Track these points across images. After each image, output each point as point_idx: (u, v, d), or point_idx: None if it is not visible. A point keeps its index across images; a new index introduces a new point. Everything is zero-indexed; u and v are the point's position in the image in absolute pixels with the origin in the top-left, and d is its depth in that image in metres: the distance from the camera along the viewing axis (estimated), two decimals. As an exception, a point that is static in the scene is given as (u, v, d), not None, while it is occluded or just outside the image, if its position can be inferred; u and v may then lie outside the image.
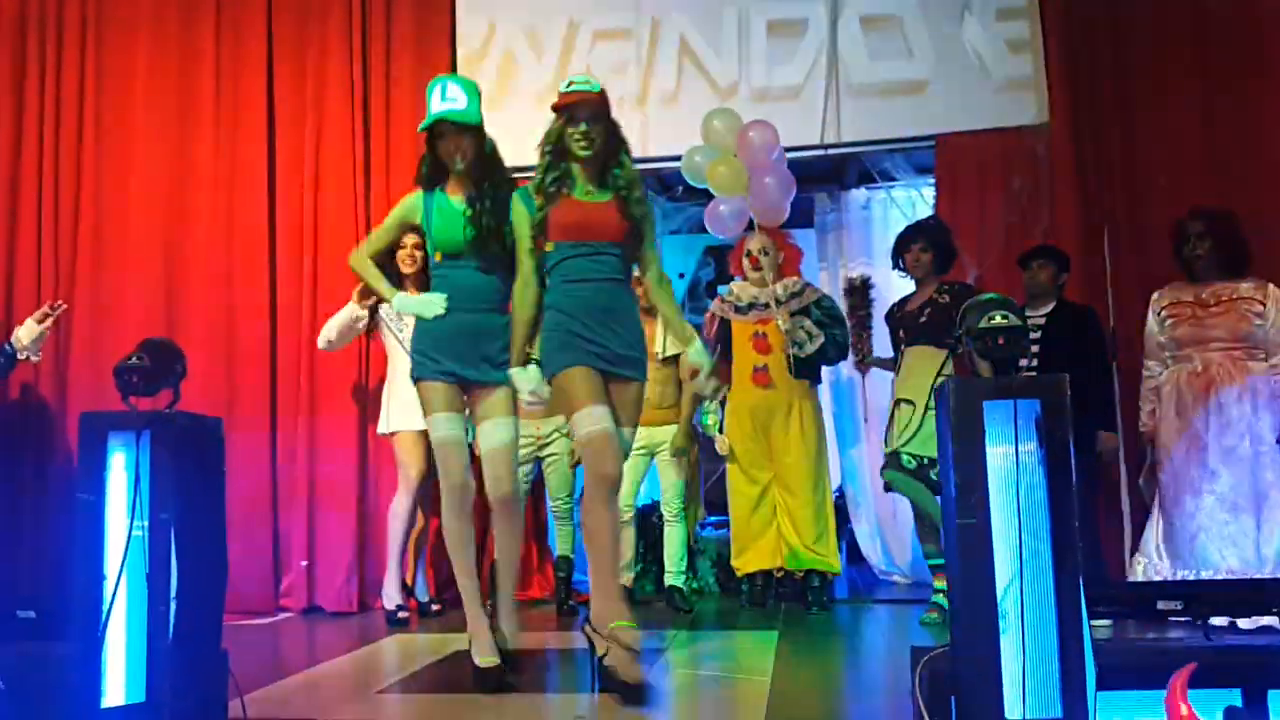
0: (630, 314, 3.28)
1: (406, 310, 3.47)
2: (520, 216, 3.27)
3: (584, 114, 3.19)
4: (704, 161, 5.08)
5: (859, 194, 6.47)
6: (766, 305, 4.87)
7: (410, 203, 3.42)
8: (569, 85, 3.25)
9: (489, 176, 3.34)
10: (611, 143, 3.26)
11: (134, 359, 2.58)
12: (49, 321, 4.68)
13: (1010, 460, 2.17)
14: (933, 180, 5.50)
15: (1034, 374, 4.12)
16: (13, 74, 5.62)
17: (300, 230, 5.48)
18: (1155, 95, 5.02)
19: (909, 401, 4.44)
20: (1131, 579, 4.11)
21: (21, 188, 5.58)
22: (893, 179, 6.17)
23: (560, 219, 3.20)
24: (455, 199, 3.33)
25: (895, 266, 4.71)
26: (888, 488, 4.59)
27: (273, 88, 5.64)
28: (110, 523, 2.51)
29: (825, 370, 5.13)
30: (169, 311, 5.48)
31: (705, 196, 5.25)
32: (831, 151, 5.51)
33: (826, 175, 6.37)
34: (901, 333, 4.61)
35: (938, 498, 3.92)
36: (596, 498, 3.10)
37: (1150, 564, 4.03)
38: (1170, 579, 3.89)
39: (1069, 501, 2.13)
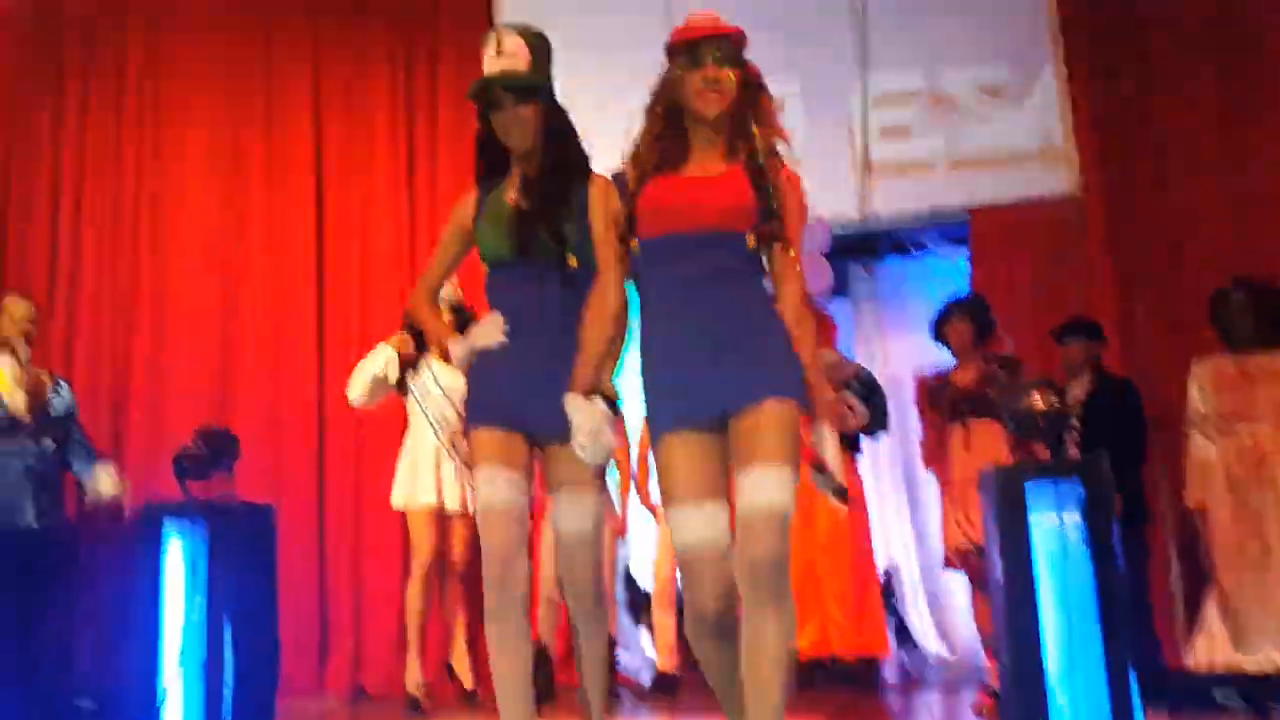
0: (759, 317, 2.24)
1: (461, 359, 2.54)
2: (598, 205, 2.45)
3: (714, 53, 2.26)
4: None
5: (893, 265, 6.50)
6: None
7: (463, 205, 2.65)
8: (690, 23, 2.32)
9: (556, 157, 2.51)
10: (747, 97, 2.31)
11: (192, 447, 2.66)
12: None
13: (1055, 541, 2.18)
14: (967, 250, 5.53)
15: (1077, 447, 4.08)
16: (74, 153, 5.79)
17: (347, 291, 5.57)
18: (1188, 165, 5.04)
19: None
20: (1190, 659, 4.00)
21: (83, 259, 5.72)
22: (926, 248, 6.20)
23: (654, 200, 2.26)
24: (513, 191, 2.53)
25: (935, 339, 4.70)
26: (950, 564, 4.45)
27: (320, 151, 5.78)
28: (166, 610, 2.57)
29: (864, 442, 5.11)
30: (220, 380, 5.58)
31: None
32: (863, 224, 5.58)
33: (859, 246, 6.40)
34: (954, 408, 4.45)
35: None
36: (700, 633, 2.21)
37: (1211, 643, 3.92)
38: (1231, 662, 3.78)
39: (1117, 583, 2.14)
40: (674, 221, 2.24)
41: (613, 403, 2.31)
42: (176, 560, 2.60)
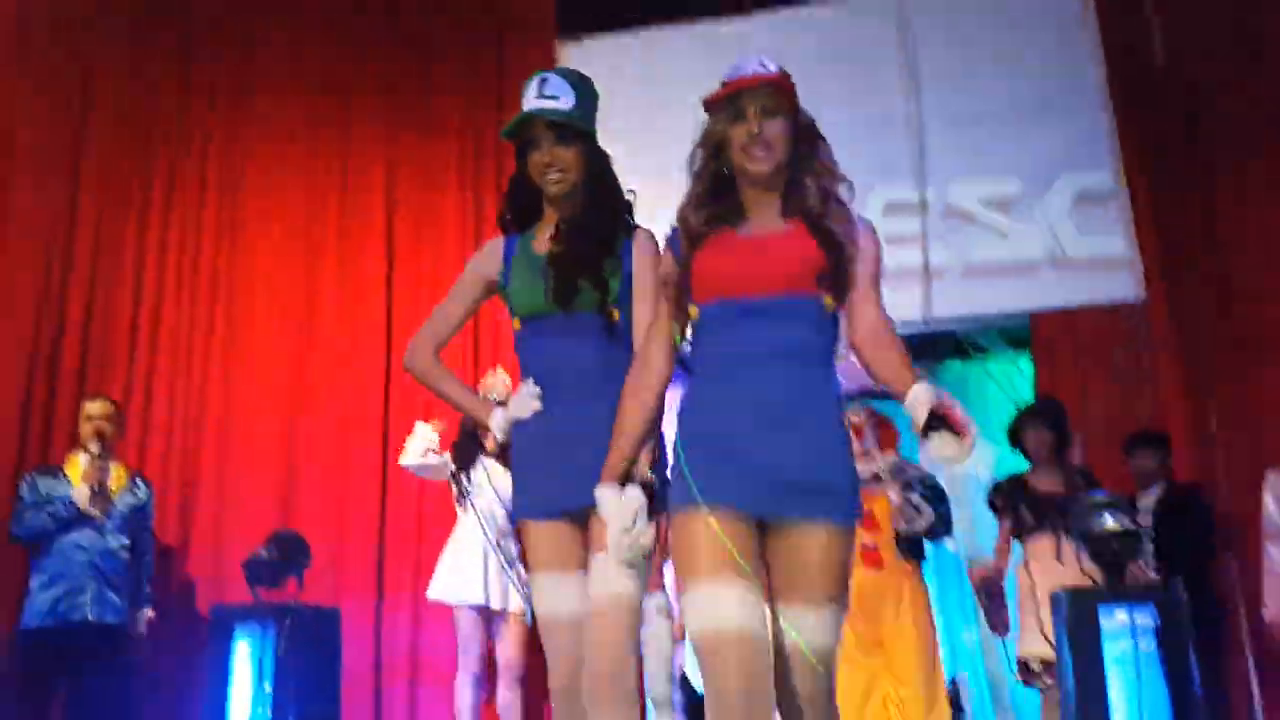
0: (822, 409, 1.99)
1: (501, 430, 2.34)
2: (644, 260, 2.26)
3: (756, 104, 2.05)
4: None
5: (953, 367, 6.48)
6: (869, 480, 4.81)
7: (487, 250, 2.43)
8: (734, 71, 2.10)
9: (599, 201, 2.32)
10: (802, 150, 2.10)
11: (263, 552, 2.71)
12: None
13: (1129, 666, 2.13)
14: (1028, 352, 5.51)
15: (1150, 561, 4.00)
16: (155, 261, 5.98)
17: (413, 390, 5.61)
18: (1251, 270, 5.00)
19: None
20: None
21: (158, 362, 5.84)
22: (985, 351, 6.18)
23: (711, 266, 2.05)
24: (546, 239, 2.33)
25: (1012, 445, 4.66)
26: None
27: (392, 239, 5.91)
28: (233, 711, 2.59)
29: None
30: (285, 479, 5.61)
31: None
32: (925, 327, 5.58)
33: (918, 347, 6.38)
34: (1039, 516, 4.34)
35: None
36: None
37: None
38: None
39: (1192, 710, 2.08)
40: (735, 285, 2.02)
41: (652, 492, 2.05)
42: (244, 662, 2.64)
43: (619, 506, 2.01)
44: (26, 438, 5.46)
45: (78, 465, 4.51)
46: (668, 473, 2.07)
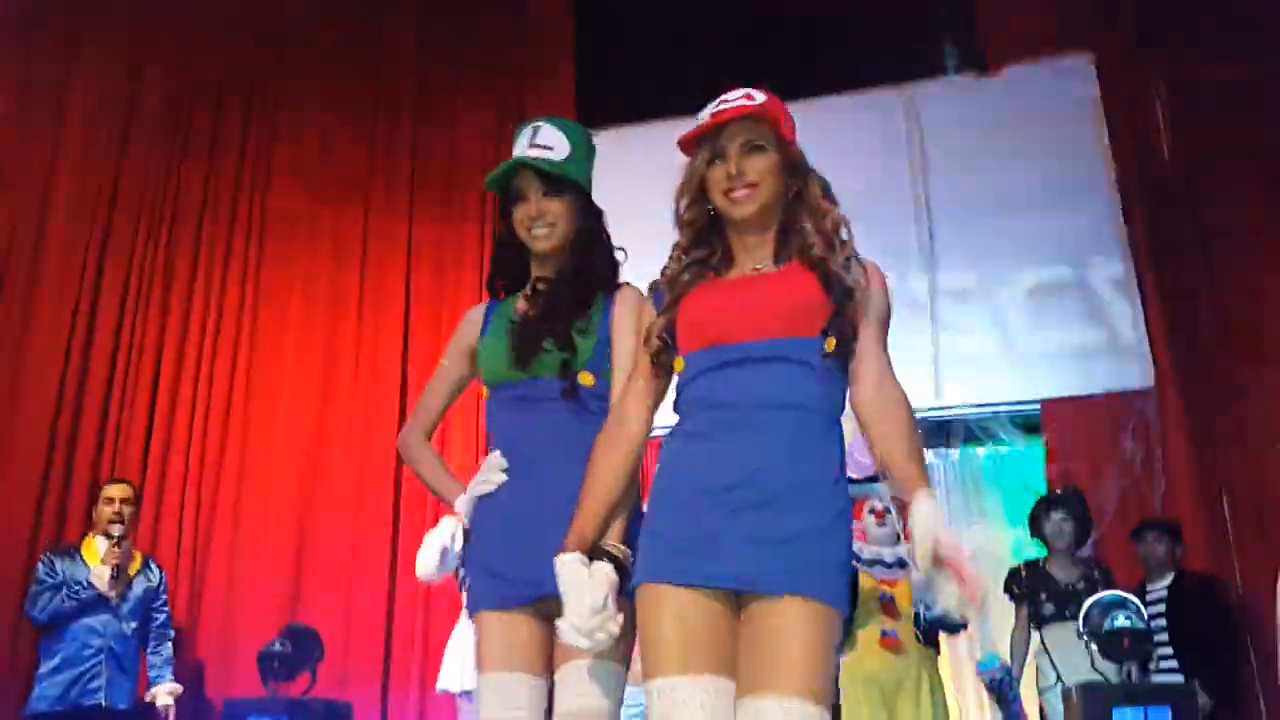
0: (819, 469, 1.72)
1: (463, 513, 2.08)
2: (624, 315, 2.03)
3: (737, 140, 1.85)
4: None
5: (965, 452, 6.49)
6: (893, 565, 4.70)
7: (468, 317, 2.22)
8: (718, 105, 1.89)
9: (581, 260, 2.10)
10: (794, 187, 1.89)
11: (277, 645, 2.72)
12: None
13: (1145, 770, 2.12)
14: (1041, 440, 5.52)
15: (1163, 657, 3.96)
16: (174, 344, 6.05)
17: (423, 491, 5.66)
18: (1265, 358, 5.02)
19: None
20: None
21: (174, 445, 5.87)
22: (998, 438, 6.19)
23: (698, 309, 1.84)
24: (524, 300, 2.12)
25: (1032, 535, 4.65)
26: None
27: (409, 327, 5.97)
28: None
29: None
30: (295, 569, 5.62)
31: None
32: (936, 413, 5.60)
33: (930, 433, 6.41)
34: (1059, 605, 4.34)
35: None
36: None
37: None
38: None
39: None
40: (725, 328, 1.78)
41: (626, 570, 1.78)
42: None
43: (581, 580, 1.73)
44: (41, 517, 5.49)
45: (94, 547, 4.51)
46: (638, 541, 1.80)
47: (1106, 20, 5.70)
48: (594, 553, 1.79)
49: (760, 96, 1.88)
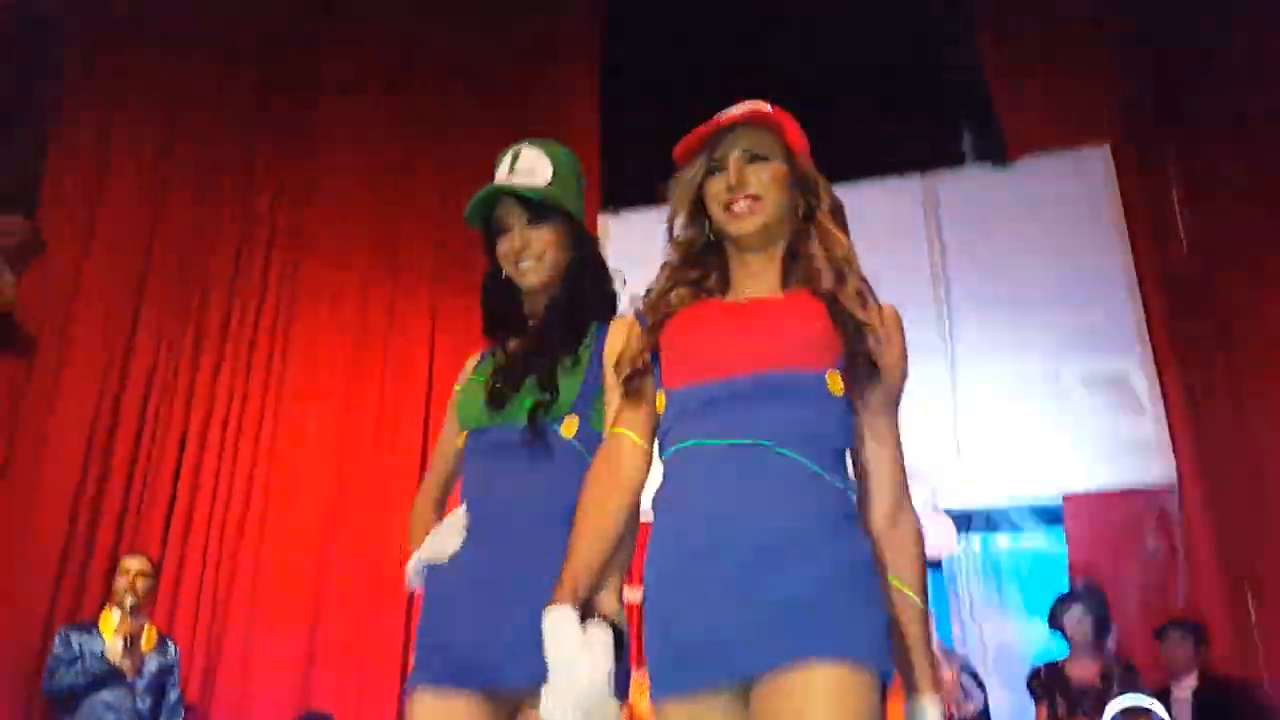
0: (834, 528, 1.47)
1: (412, 578, 1.82)
2: (612, 347, 1.76)
3: (738, 147, 1.64)
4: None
5: (986, 543, 6.43)
6: None
7: (466, 367, 2.02)
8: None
9: (572, 291, 1.87)
10: (804, 207, 1.68)
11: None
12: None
13: None
14: (1061, 531, 5.47)
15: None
16: (200, 420, 6.09)
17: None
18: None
19: None
20: None
21: (194, 521, 5.87)
22: (1018, 528, 6.15)
23: (685, 334, 1.62)
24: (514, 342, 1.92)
25: (1051, 629, 4.61)
26: None
27: (430, 405, 5.97)
28: None
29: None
30: (308, 648, 5.60)
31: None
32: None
33: (952, 522, 6.37)
34: (1073, 704, 4.37)
35: None
36: None
37: None
38: None
39: None
40: (714, 363, 1.53)
41: (622, 639, 1.50)
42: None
43: (577, 644, 1.41)
44: (60, 591, 5.49)
45: (111, 621, 4.52)
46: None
47: (1123, 112, 5.75)
48: (584, 614, 1.48)
49: (767, 106, 1.67)
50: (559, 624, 1.44)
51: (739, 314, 1.60)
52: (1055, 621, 4.57)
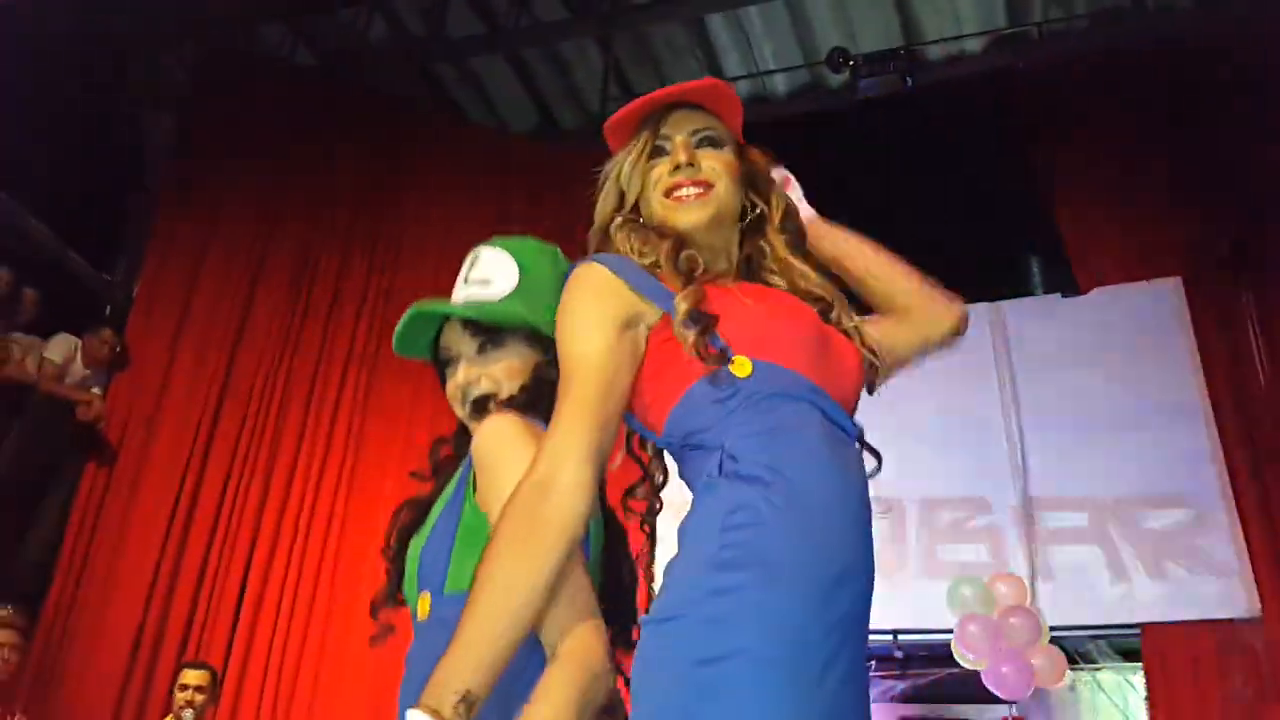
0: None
1: None
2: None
3: (686, 128, 1.39)
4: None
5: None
6: None
7: None
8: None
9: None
10: (755, 206, 1.43)
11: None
12: None
13: None
14: (1139, 666, 5.29)
15: None
16: (269, 536, 6.17)
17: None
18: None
19: None
20: None
21: (256, 641, 5.87)
22: (1095, 663, 5.96)
23: (764, 309, 1.33)
24: None
25: None
26: None
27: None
28: None
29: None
30: None
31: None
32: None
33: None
34: None
35: None
36: None
37: None
38: None
39: None
40: (819, 367, 1.27)
41: None
42: None
43: None
44: (125, 699, 5.50)
45: None
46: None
47: (1196, 242, 5.76)
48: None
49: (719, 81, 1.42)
50: None
51: (807, 316, 1.34)
52: None
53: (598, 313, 1.28)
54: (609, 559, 1.40)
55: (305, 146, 6.88)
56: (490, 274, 1.47)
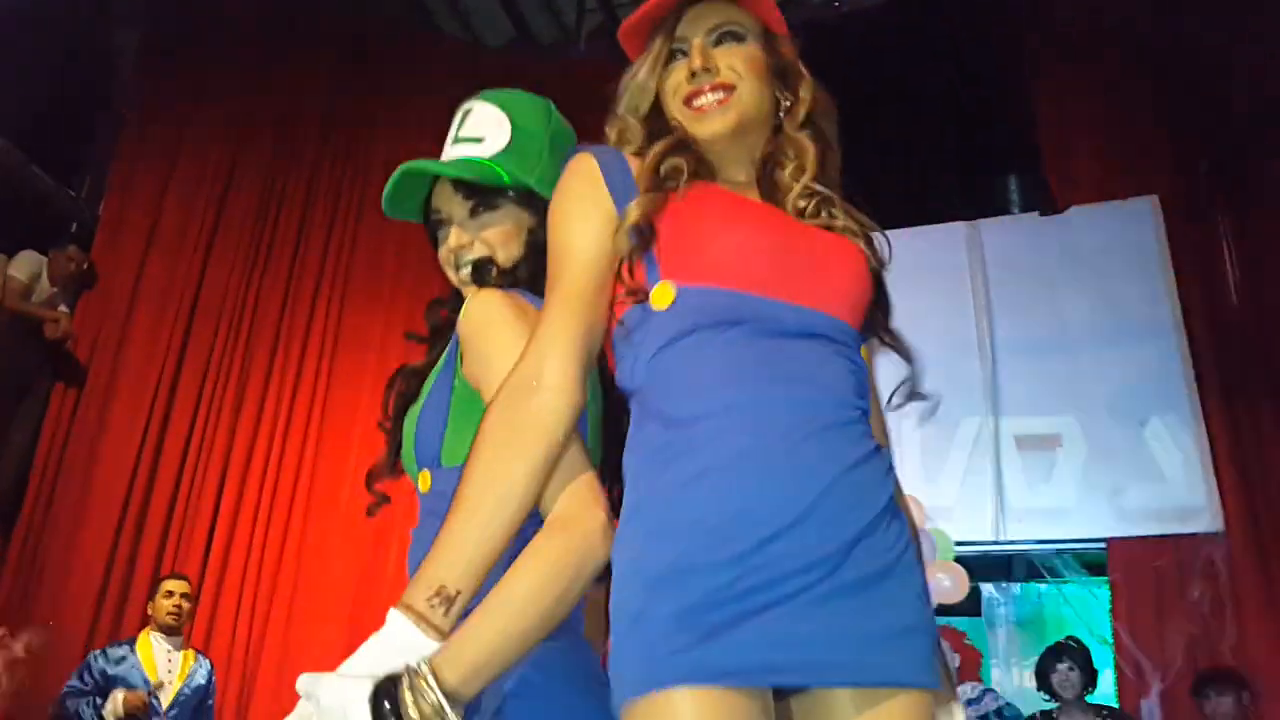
0: (894, 517, 1.18)
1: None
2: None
3: (704, 24, 1.28)
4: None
5: (1030, 589, 6.37)
6: None
7: None
8: None
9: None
10: (784, 102, 1.31)
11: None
12: None
13: None
14: (1105, 579, 5.40)
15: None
16: (243, 451, 6.19)
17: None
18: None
19: None
20: None
21: (234, 548, 5.93)
22: (1062, 576, 6.08)
23: (717, 224, 1.20)
24: None
25: (1039, 689, 4.58)
26: None
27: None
28: None
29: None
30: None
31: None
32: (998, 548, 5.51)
33: (994, 567, 6.33)
34: None
35: None
36: None
37: None
38: None
39: None
40: (768, 274, 1.16)
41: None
42: None
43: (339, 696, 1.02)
44: (102, 610, 5.54)
45: (149, 644, 4.56)
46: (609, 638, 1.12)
47: (1173, 162, 5.74)
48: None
49: None
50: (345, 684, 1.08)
51: (782, 223, 1.23)
52: (1043, 680, 4.53)
53: (588, 204, 1.22)
54: (609, 433, 1.35)
55: (274, 63, 6.77)
56: (482, 130, 1.39)
